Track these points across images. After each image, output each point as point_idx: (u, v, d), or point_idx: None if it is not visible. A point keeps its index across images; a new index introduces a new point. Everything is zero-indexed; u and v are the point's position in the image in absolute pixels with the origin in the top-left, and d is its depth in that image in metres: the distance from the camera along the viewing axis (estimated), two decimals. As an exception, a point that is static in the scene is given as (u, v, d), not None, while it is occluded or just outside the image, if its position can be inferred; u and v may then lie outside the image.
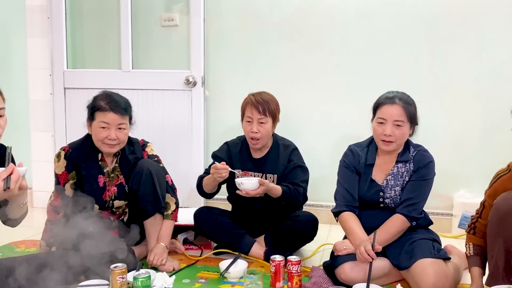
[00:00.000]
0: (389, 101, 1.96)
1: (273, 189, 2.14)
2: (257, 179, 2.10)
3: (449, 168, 2.63)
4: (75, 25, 3.20)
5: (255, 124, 2.23)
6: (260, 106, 2.23)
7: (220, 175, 2.12)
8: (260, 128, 2.23)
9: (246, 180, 2.12)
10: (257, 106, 2.23)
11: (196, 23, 2.88)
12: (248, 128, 2.25)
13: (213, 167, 2.13)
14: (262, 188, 2.08)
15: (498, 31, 2.59)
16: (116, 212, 2.19)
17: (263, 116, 2.22)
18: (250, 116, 2.24)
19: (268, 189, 2.11)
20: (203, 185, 2.28)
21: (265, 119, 2.23)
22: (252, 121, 2.24)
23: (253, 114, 2.23)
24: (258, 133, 2.23)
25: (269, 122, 2.25)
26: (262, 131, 2.23)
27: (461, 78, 2.67)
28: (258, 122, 2.23)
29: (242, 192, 2.10)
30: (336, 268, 1.92)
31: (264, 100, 2.25)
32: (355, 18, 2.77)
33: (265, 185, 2.08)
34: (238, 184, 2.10)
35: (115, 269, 1.75)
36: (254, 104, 2.23)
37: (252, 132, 2.23)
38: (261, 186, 2.08)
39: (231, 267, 2.04)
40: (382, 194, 2.01)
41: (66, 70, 3.12)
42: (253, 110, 2.23)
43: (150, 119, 2.98)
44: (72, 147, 2.10)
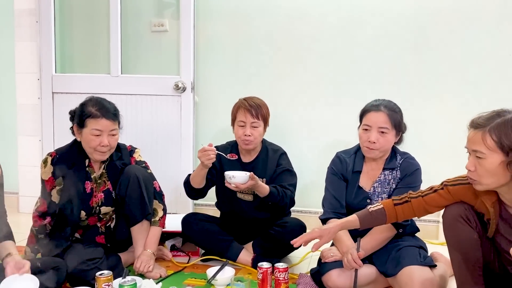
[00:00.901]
0: (374, 108, 1.99)
1: (261, 187, 2.14)
2: (248, 174, 2.10)
3: (436, 176, 2.63)
4: (64, 29, 3.19)
5: (248, 128, 2.25)
6: (253, 109, 2.25)
7: (209, 157, 2.11)
8: (253, 131, 2.25)
9: (237, 173, 2.13)
10: (250, 110, 2.25)
11: (186, 28, 2.88)
12: (241, 131, 2.26)
13: (200, 150, 2.13)
14: (250, 182, 2.09)
15: (484, 39, 2.62)
16: (103, 219, 2.17)
17: (256, 119, 2.25)
18: (244, 120, 2.26)
19: (256, 185, 2.12)
20: (190, 179, 2.27)
21: (257, 122, 2.26)
22: (245, 125, 2.25)
23: (247, 118, 2.25)
24: (251, 136, 2.25)
25: (261, 126, 2.28)
26: (255, 134, 2.26)
27: (448, 86, 2.70)
28: (251, 125, 2.25)
29: (232, 185, 2.11)
30: (323, 275, 1.93)
31: (256, 104, 2.28)
32: (344, 26, 2.79)
33: (255, 180, 2.09)
34: (229, 177, 2.10)
35: (101, 276, 1.73)
36: (247, 108, 2.25)
37: (245, 135, 2.25)
38: (250, 180, 2.09)
39: (218, 274, 2.03)
40: (369, 201, 2.02)
41: (54, 74, 3.10)
42: (246, 114, 2.25)
43: (139, 124, 2.97)
44: (59, 153, 2.08)
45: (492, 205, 1.53)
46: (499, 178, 1.44)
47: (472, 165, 1.48)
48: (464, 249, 1.58)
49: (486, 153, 1.42)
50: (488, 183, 1.46)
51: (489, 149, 1.42)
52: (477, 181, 1.48)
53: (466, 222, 1.57)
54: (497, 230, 1.56)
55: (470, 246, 1.57)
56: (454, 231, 1.59)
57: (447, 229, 1.62)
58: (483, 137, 1.42)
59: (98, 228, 2.18)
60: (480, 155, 1.44)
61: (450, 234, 1.61)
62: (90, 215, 2.12)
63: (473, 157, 1.47)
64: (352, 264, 1.82)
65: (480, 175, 1.46)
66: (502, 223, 1.54)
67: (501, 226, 1.54)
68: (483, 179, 1.46)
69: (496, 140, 1.40)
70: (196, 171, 2.24)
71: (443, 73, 2.70)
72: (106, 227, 2.20)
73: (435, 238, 2.66)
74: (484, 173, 1.44)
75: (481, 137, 1.43)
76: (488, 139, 1.41)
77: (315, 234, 1.69)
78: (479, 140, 1.44)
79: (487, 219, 1.58)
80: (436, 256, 2.13)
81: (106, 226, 2.20)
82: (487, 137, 1.42)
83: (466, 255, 1.58)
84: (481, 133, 1.43)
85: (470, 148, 1.49)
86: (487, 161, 1.43)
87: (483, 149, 1.42)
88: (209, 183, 2.31)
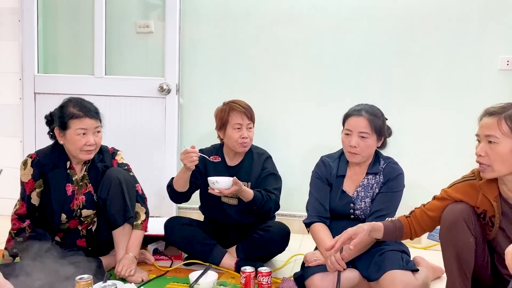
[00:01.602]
0: (355, 113, 2.00)
1: (245, 192, 2.14)
2: (231, 179, 2.09)
3: (419, 180, 2.68)
4: (48, 29, 3.14)
5: (244, 130, 2.26)
6: (247, 111, 2.28)
7: (191, 160, 2.10)
8: (249, 133, 2.28)
9: (220, 178, 2.11)
10: (245, 112, 2.27)
11: (171, 30, 2.86)
12: (238, 134, 2.25)
13: (183, 152, 2.12)
14: (235, 187, 2.09)
15: (467, 46, 2.66)
16: (84, 222, 2.14)
17: (250, 121, 2.28)
18: (240, 122, 2.25)
19: (240, 190, 2.11)
20: (173, 182, 2.25)
21: (252, 124, 2.30)
22: (242, 128, 2.25)
23: (243, 120, 2.26)
24: (248, 138, 2.26)
25: (253, 128, 2.31)
26: (250, 136, 2.29)
27: (431, 91, 2.73)
28: (247, 127, 2.26)
29: (215, 191, 2.09)
30: (306, 279, 1.92)
31: (247, 106, 2.31)
32: (330, 30, 2.81)
33: (239, 185, 2.09)
34: (212, 182, 2.09)
35: (80, 281, 1.70)
36: (242, 110, 2.27)
37: (243, 137, 2.24)
38: (234, 185, 2.08)
39: (201, 278, 2.00)
40: (353, 205, 2.03)
41: (37, 74, 3.05)
42: (243, 116, 2.26)
43: (122, 126, 2.94)
44: (39, 155, 2.04)
45: (495, 199, 1.57)
46: (510, 164, 1.48)
47: (483, 150, 1.51)
48: (459, 251, 1.59)
49: (500, 137, 1.47)
50: (499, 169, 1.50)
51: (504, 134, 1.47)
52: (489, 166, 1.51)
53: (466, 224, 1.58)
54: (500, 227, 1.58)
55: (464, 249, 1.59)
56: (452, 233, 1.60)
57: (445, 230, 1.62)
58: (499, 122, 1.48)
59: (79, 232, 2.14)
60: (493, 139, 1.49)
61: (448, 236, 1.62)
62: (71, 218, 2.08)
63: (485, 142, 1.51)
64: (335, 265, 1.82)
65: (492, 160, 1.50)
66: (504, 219, 1.57)
67: (503, 222, 1.57)
68: (495, 164, 1.50)
69: (511, 126, 1.46)
70: (179, 174, 2.22)
71: (426, 79, 2.73)
72: (87, 230, 2.16)
73: (418, 243, 2.68)
74: (497, 157, 1.48)
75: (496, 123, 1.48)
76: (503, 124, 1.47)
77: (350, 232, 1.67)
78: (494, 125, 1.49)
79: (489, 216, 1.59)
80: (419, 261, 2.14)
81: (87, 229, 2.16)
82: (502, 123, 1.47)
83: (459, 257, 1.59)
84: (496, 119, 1.49)
85: (483, 133, 1.52)
86: (500, 146, 1.48)
87: (498, 134, 1.48)
88: (193, 186, 2.30)
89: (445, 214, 1.64)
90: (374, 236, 1.74)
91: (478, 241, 1.60)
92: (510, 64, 2.61)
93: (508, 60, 2.61)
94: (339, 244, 1.65)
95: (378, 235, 1.73)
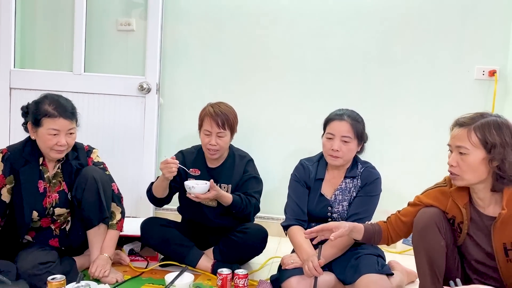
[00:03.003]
0: (338, 117, 2.02)
1: (224, 197, 2.13)
2: (208, 184, 2.08)
3: (396, 185, 2.72)
4: (26, 22, 3.07)
5: (213, 137, 2.22)
6: (219, 118, 2.21)
7: (170, 170, 2.07)
8: (219, 141, 2.22)
9: (196, 183, 2.09)
10: (216, 119, 2.20)
11: (153, 29, 2.84)
12: (207, 140, 2.23)
13: (163, 162, 2.09)
14: (212, 193, 2.07)
15: (445, 55, 2.72)
16: (57, 220, 2.08)
17: (222, 129, 2.21)
18: (209, 129, 2.22)
19: (218, 195, 2.10)
20: (152, 188, 2.23)
21: (223, 132, 2.22)
22: (211, 134, 2.22)
23: (212, 128, 2.21)
24: (217, 145, 2.22)
25: (227, 135, 2.25)
26: (220, 143, 2.23)
27: (409, 98, 2.78)
28: (217, 135, 2.22)
29: (192, 195, 2.07)
30: (282, 282, 1.92)
31: (222, 112, 2.23)
32: (313, 35, 2.83)
33: (216, 190, 2.08)
34: (188, 187, 2.07)
35: (53, 281, 1.67)
36: (213, 116, 2.21)
37: (211, 144, 2.21)
38: (212, 191, 2.07)
39: (177, 279, 1.98)
40: (330, 208, 2.04)
41: (13, 69, 2.97)
42: (212, 123, 2.21)
43: (100, 124, 2.89)
44: (11, 150, 1.99)
45: (464, 206, 1.60)
46: (479, 174, 1.52)
47: (454, 160, 1.55)
48: (431, 255, 1.62)
49: (470, 149, 1.51)
50: (469, 178, 1.54)
51: (473, 145, 1.50)
52: (459, 176, 1.55)
53: (437, 228, 1.62)
54: (467, 234, 1.61)
55: (436, 253, 1.62)
56: (424, 237, 1.63)
57: (417, 234, 1.66)
58: (468, 134, 1.51)
59: (52, 231, 2.09)
60: (464, 151, 1.52)
61: (419, 239, 1.65)
62: (43, 216, 2.03)
63: (456, 153, 1.54)
64: (312, 272, 1.82)
65: (462, 170, 1.53)
66: (472, 226, 1.61)
67: (471, 229, 1.61)
68: (465, 174, 1.53)
69: (480, 138, 1.49)
70: (158, 182, 2.19)
71: (404, 86, 2.78)
72: (60, 229, 2.11)
73: (393, 247, 2.71)
74: (467, 168, 1.52)
75: (466, 134, 1.51)
76: (473, 136, 1.50)
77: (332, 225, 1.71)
78: (464, 136, 1.52)
79: (458, 223, 1.63)
80: (394, 265, 2.17)
81: (60, 229, 2.11)
82: (472, 134, 1.51)
83: (431, 260, 1.62)
84: (466, 131, 1.52)
85: (454, 144, 1.56)
86: (470, 157, 1.51)
87: (468, 145, 1.51)
88: (173, 190, 2.27)
89: (417, 218, 1.68)
90: (353, 237, 1.77)
91: (449, 245, 1.64)
92: (486, 74, 2.67)
93: (484, 70, 2.68)
94: (317, 228, 1.70)
95: (358, 236, 1.76)
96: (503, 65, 2.65)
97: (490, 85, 2.68)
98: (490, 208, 1.57)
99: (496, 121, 1.51)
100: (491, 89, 2.67)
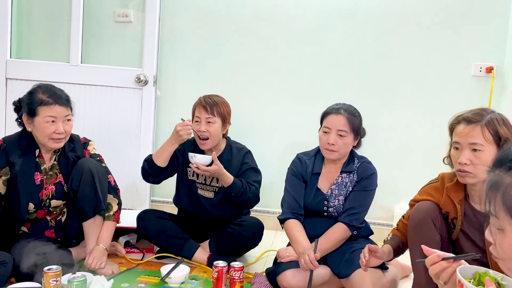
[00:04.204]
0: (334, 111, 2.02)
1: (225, 175, 2.13)
2: (210, 157, 2.11)
3: (391, 181, 2.73)
4: (22, 12, 3.04)
5: (203, 124, 2.23)
6: (208, 106, 2.23)
7: (188, 132, 2.15)
8: (208, 127, 2.22)
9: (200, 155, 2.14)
10: (205, 106, 2.23)
11: (151, 21, 2.82)
12: (196, 127, 2.24)
13: (181, 124, 2.15)
14: (214, 167, 2.09)
15: (443, 51, 2.72)
16: (53, 212, 2.08)
17: (211, 115, 2.22)
18: (199, 115, 2.24)
19: (220, 172, 2.11)
20: (154, 155, 2.22)
21: (213, 118, 2.23)
22: (200, 121, 2.23)
23: (201, 114, 2.23)
24: (206, 132, 2.22)
25: (217, 123, 2.24)
26: (210, 130, 2.22)
27: (406, 94, 2.78)
28: (206, 121, 2.23)
29: (193, 165, 2.10)
30: (278, 275, 1.94)
31: (213, 101, 2.26)
32: (311, 30, 2.83)
33: (218, 165, 2.09)
34: (190, 156, 2.11)
35: (49, 272, 1.66)
36: (203, 104, 2.25)
37: (200, 131, 2.22)
38: (214, 166, 2.09)
39: (173, 271, 2.00)
40: (326, 203, 2.05)
41: (9, 59, 2.95)
42: (201, 110, 2.24)
43: (96, 116, 2.88)
44: (7, 141, 1.98)
45: (460, 202, 1.61)
46: None
47: (467, 158, 1.51)
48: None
49: (485, 145, 1.49)
50: (482, 176, 1.51)
51: (487, 141, 1.49)
52: (473, 173, 1.52)
53: (432, 222, 1.62)
54: (461, 230, 1.63)
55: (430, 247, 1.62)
56: (418, 231, 1.64)
57: (412, 229, 1.66)
58: (482, 130, 1.50)
59: (47, 222, 2.09)
60: (479, 147, 1.50)
61: (414, 234, 1.66)
62: (39, 208, 2.03)
63: (469, 150, 1.52)
64: (308, 265, 1.84)
65: (477, 167, 1.51)
66: (465, 221, 1.62)
67: (465, 225, 1.62)
68: (479, 172, 1.51)
69: (493, 133, 1.49)
70: (164, 147, 2.20)
71: (401, 82, 2.78)
72: (56, 221, 2.11)
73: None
74: (481, 165, 1.49)
75: (480, 131, 1.50)
76: (486, 132, 1.49)
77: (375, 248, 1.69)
78: (478, 133, 1.50)
79: (451, 218, 1.64)
80: (388, 259, 2.18)
81: (56, 220, 2.11)
82: (485, 130, 1.50)
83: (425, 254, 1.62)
84: (479, 127, 1.50)
85: (466, 141, 1.52)
86: (485, 154, 1.49)
87: (482, 142, 1.49)
88: (168, 168, 2.26)
89: (412, 213, 1.69)
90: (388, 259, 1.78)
91: (444, 239, 1.65)
92: (483, 71, 2.68)
93: (481, 67, 2.69)
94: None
95: (390, 256, 1.77)
96: (501, 62, 2.66)
97: (487, 82, 2.68)
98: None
99: (500, 116, 1.52)
100: (488, 85, 2.67)
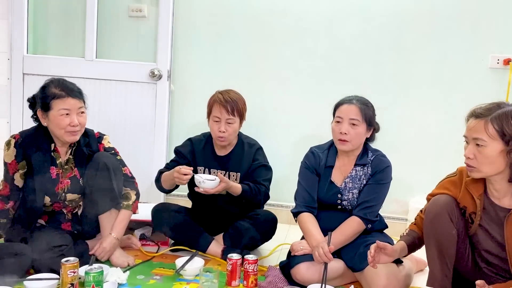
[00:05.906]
0: (347, 101, 2.02)
1: (233, 187, 2.14)
2: (217, 179, 2.08)
3: (406, 174, 2.71)
4: (38, 8, 3.08)
5: (223, 124, 2.22)
6: (229, 105, 2.20)
7: (182, 182, 2.10)
8: (228, 127, 2.22)
9: (206, 177, 2.10)
10: (226, 105, 2.20)
11: (164, 15, 2.83)
12: (216, 127, 2.23)
13: (177, 171, 2.09)
14: (222, 186, 2.08)
15: (459, 45, 2.68)
16: (68, 205, 2.11)
17: (232, 116, 2.21)
18: (219, 116, 2.22)
19: (228, 187, 2.11)
20: (161, 181, 2.25)
21: (233, 119, 2.22)
22: (220, 121, 2.22)
23: (222, 114, 2.21)
24: (226, 132, 2.22)
25: (236, 122, 2.24)
26: (229, 130, 2.22)
27: (421, 86, 2.75)
28: (226, 122, 2.22)
29: (201, 189, 2.08)
30: (292, 268, 1.94)
31: (232, 99, 2.23)
32: (325, 23, 2.80)
33: (226, 182, 2.08)
34: (198, 182, 2.08)
35: (66, 263, 1.70)
36: (223, 103, 2.21)
37: (220, 131, 2.21)
38: (221, 184, 2.07)
39: (187, 264, 2.01)
40: (340, 196, 2.04)
41: (26, 55, 3.00)
42: (221, 110, 2.21)
43: (111, 110, 2.91)
44: (23, 136, 2.01)
45: (479, 197, 1.59)
46: (497, 166, 1.50)
47: (471, 153, 1.52)
48: (441, 243, 1.62)
49: (488, 141, 1.48)
50: (487, 171, 1.51)
51: (491, 137, 1.47)
52: (476, 168, 1.52)
53: (449, 216, 1.61)
54: (479, 224, 1.61)
55: (447, 241, 1.61)
56: (435, 225, 1.63)
57: (429, 222, 1.65)
58: (485, 125, 1.48)
59: (64, 215, 2.12)
60: (481, 142, 1.49)
61: (431, 228, 1.64)
62: (55, 201, 2.06)
63: (473, 145, 1.52)
64: (323, 258, 1.84)
65: (480, 162, 1.51)
66: (484, 216, 1.60)
67: (484, 220, 1.60)
68: (482, 166, 1.51)
69: (497, 129, 1.46)
70: (168, 177, 2.20)
71: (417, 75, 2.75)
72: (72, 214, 2.14)
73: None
74: (484, 160, 1.49)
75: (483, 126, 1.48)
76: (490, 127, 1.47)
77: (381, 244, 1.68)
78: (481, 128, 1.49)
79: (470, 213, 1.62)
80: (403, 253, 2.17)
81: (72, 213, 2.14)
82: (489, 125, 1.48)
83: (441, 248, 1.62)
84: (483, 122, 1.49)
85: (470, 136, 1.52)
86: (487, 149, 1.48)
87: (485, 137, 1.48)
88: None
89: (429, 206, 1.67)
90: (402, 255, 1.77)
91: (460, 234, 1.63)
92: (501, 63, 2.63)
93: (499, 59, 2.64)
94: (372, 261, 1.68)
95: (404, 253, 1.76)
96: (519, 54, 2.61)
97: (505, 74, 2.63)
98: (505, 199, 1.56)
99: None
100: (505, 78, 2.63)
